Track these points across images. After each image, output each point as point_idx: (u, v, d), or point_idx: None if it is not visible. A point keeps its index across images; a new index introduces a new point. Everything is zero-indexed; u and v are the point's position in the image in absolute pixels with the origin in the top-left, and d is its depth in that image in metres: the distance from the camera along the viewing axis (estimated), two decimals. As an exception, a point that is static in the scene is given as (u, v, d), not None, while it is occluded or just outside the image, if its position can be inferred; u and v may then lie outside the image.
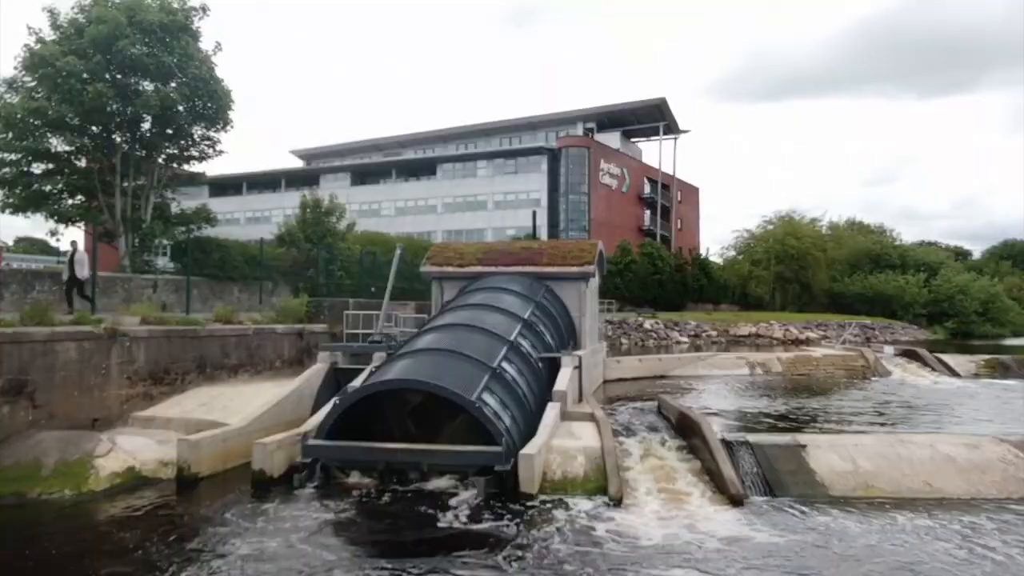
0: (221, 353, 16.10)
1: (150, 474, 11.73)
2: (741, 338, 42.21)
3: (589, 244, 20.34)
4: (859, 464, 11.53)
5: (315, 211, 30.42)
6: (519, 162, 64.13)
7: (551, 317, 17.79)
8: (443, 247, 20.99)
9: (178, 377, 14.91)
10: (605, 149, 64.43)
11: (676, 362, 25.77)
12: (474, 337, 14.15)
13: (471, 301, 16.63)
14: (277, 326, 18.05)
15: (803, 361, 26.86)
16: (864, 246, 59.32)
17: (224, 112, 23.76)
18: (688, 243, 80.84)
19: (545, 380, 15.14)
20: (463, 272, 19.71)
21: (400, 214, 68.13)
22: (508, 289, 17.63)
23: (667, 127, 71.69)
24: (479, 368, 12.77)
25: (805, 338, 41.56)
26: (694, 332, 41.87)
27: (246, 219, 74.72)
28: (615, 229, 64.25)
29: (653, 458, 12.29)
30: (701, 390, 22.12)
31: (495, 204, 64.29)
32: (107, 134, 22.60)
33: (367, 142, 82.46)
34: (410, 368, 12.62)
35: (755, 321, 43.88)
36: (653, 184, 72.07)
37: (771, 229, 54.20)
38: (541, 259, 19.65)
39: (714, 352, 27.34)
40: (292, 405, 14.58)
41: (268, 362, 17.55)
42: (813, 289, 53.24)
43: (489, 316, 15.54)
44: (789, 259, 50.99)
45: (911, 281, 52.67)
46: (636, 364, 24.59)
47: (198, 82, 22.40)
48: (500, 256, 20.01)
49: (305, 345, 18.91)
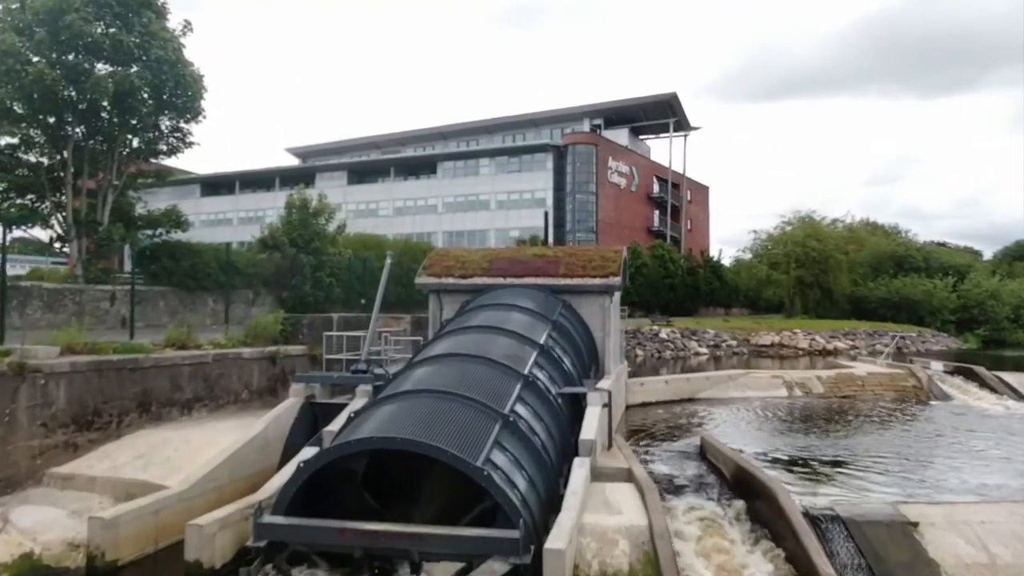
0: (171, 386, 13.22)
1: (53, 561, 8.90)
2: (763, 348, 39.31)
3: (612, 252, 17.45)
4: (994, 552, 8.66)
5: (302, 212, 27.52)
6: (523, 160, 61.23)
7: (570, 340, 14.92)
8: (442, 254, 18.11)
9: (113, 420, 12.04)
10: (613, 146, 61.53)
11: (705, 382, 22.88)
12: (479, 370, 11.27)
13: (474, 322, 13.74)
14: (244, 350, 15.18)
15: (846, 381, 23.96)
16: (887, 248, 56.36)
17: (194, 101, 20.89)
18: (698, 244, 77.97)
19: (567, 420, 12.30)
20: (466, 284, 16.84)
21: (399, 214, 65.28)
22: (519, 306, 14.76)
23: (677, 124, 68.77)
24: (485, 415, 9.89)
25: (833, 348, 38.66)
26: (713, 342, 38.98)
27: (239, 219, 71.92)
28: (623, 230, 61.36)
29: (715, 537, 9.42)
30: (739, 419, 19.25)
31: (498, 204, 61.41)
32: (59, 124, 19.74)
33: (365, 139, 79.61)
34: (396, 418, 9.70)
35: (777, 329, 40.99)
36: (662, 183, 69.16)
37: (790, 231, 51.22)
38: (557, 270, 16.76)
39: (746, 370, 24.48)
40: (255, 454, 11.74)
41: (232, 394, 14.68)
42: (834, 294, 50.30)
43: (497, 342, 12.67)
44: (810, 262, 48.07)
45: (939, 286, 49.74)
46: (662, 386, 21.72)
47: (162, 65, 19.52)
48: (509, 266, 17.12)
49: (279, 371, 16.04)
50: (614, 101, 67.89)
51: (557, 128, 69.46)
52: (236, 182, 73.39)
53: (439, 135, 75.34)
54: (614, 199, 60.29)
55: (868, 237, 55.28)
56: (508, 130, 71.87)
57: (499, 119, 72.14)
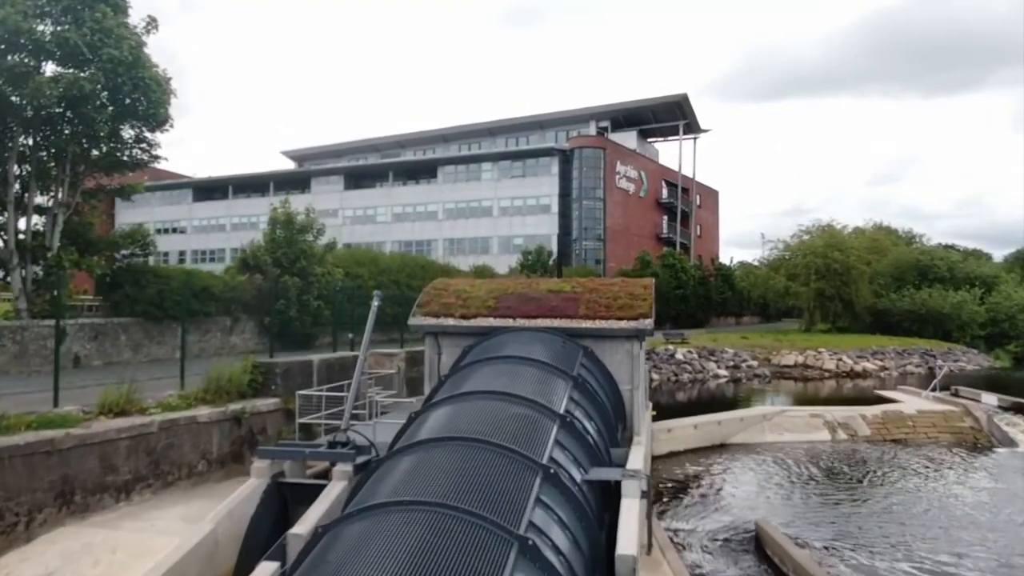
0: (103, 468, 10.63)
1: None
2: (786, 369, 36.67)
3: (641, 287, 14.83)
4: None
5: (287, 228, 24.92)
6: (527, 164, 58.58)
7: (594, 400, 12.31)
8: (440, 288, 15.50)
9: (20, 520, 9.46)
10: (621, 150, 58.89)
11: (738, 425, 20.29)
12: (484, 464, 8.68)
13: (478, 385, 11.10)
14: (202, 410, 12.57)
15: (894, 421, 21.36)
16: (909, 257, 53.65)
17: (158, 107, 18.28)
18: (707, 250, 75.41)
19: (594, 516, 9.73)
20: (468, 327, 14.26)
21: (397, 221, 62.69)
22: (532, 359, 12.15)
23: (687, 126, 66.12)
24: (496, 538, 7.29)
25: (861, 369, 36.02)
26: (733, 362, 36.34)
27: (232, 225, 69.43)
28: (632, 238, 58.84)
29: None
30: (783, 477, 16.65)
31: (501, 210, 58.78)
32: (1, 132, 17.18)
33: (363, 142, 77.05)
34: (376, 551, 7.11)
35: (800, 348, 38.32)
36: (671, 188, 66.53)
37: (808, 240, 48.48)
38: (576, 310, 14.16)
39: (781, 407, 21.90)
40: (199, 566, 9.17)
41: (185, 467, 12.08)
42: (856, 306, 47.62)
43: (506, 415, 10.06)
44: (831, 274, 45.39)
45: (968, 298, 47.08)
46: (691, 432, 19.12)
47: (117, 67, 16.91)
48: (519, 304, 14.53)
49: (247, 433, 13.44)
50: (621, 103, 65.26)
51: (562, 130, 66.88)
52: (229, 187, 70.82)
53: (440, 137, 72.76)
54: (622, 205, 57.68)
55: (891, 246, 52.51)
56: (511, 132, 69.27)
57: (502, 121, 69.56)
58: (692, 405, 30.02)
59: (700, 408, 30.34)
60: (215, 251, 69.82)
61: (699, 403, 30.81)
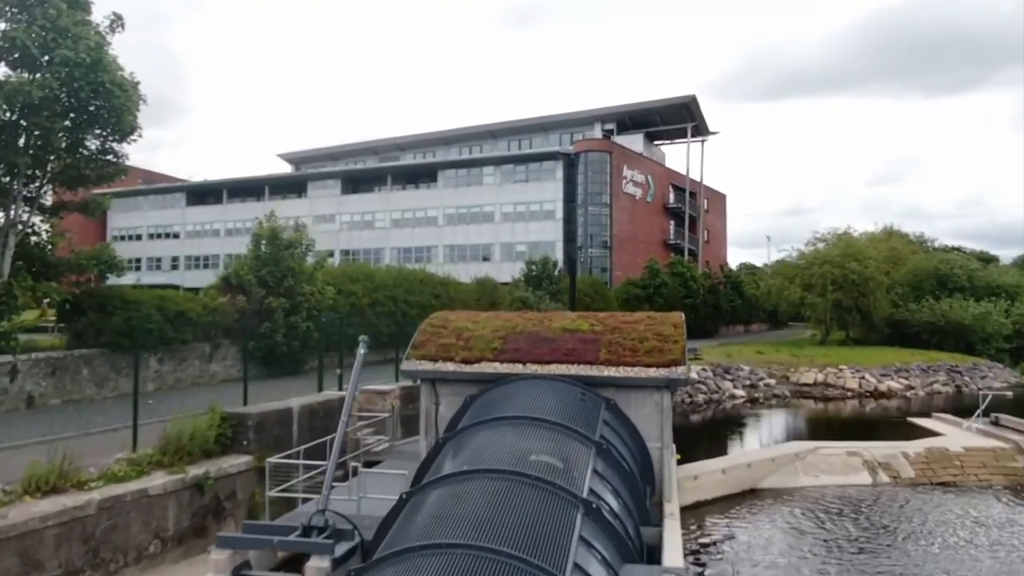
0: (23, 566, 8.66)
1: None
2: (806, 388, 34.67)
3: (671, 324, 12.83)
4: None
5: (272, 245, 22.97)
6: (530, 168, 56.53)
7: (620, 469, 10.33)
8: (438, 325, 13.48)
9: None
10: (628, 154, 56.87)
11: (769, 466, 18.30)
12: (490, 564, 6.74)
13: (480, 461, 9.08)
14: (155, 479, 10.59)
15: (939, 460, 19.37)
16: (928, 265, 51.60)
17: (124, 114, 16.32)
18: (715, 256, 73.44)
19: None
20: (471, 373, 12.30)
21: (396, 226, 60.68)
22: (547, 421, 10.18)
23: (695, 128, 64.09)
24: None
25: (886, 389, 34.00)
26: (749, 381, 34.35)
27: (226, 231, 67.44)
28: (639, 244, 56.84)
29: None
30: (827, 536, 14.65)
31: (503, 216, 56.77)
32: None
33: (362, 144, 75.08)
34: None
35: (820, 365, 36.31)
36: (678, 192, 64.50)
37: (823, 249, 46.42)
38: (597, 354, 12.19)
39: (814, 443, 19.91)
40: None
41: (134, 551, 10.11)
42: (873, 318, 45.61)
43: (516, 500, 8.09)
44: (849, 285, 43.38)
45: (991, 309, 45.08)
46: (718, 478, 17.13)
47: (74, 70, 14.96)
48: (530, 345, 12.55)
49: (211, 501, 11.47)
50: (627, 104, 63.24)
51: (566, 133, 64.88)
52: (224, 191, 68.84)
53: (441, 140, 70.74)
54: (629, 211, 55.67)
55: (910, 255, 50.46)
56: (514, 135, 67.25)
57: (504, 123, 67.59)
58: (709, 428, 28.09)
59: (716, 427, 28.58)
60: (209, 257, 67.87)
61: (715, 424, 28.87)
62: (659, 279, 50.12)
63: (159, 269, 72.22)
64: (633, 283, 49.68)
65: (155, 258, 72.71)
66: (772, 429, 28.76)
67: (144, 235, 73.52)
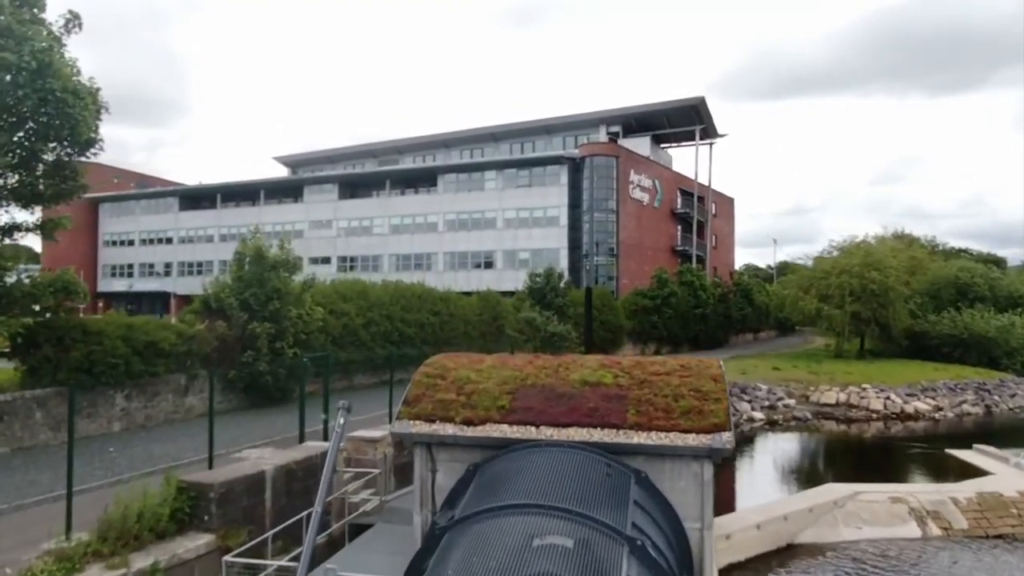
0: None
1: None
2: (827, 409, 32.71)
3: (711, 376, 10.87)
4: None
5: (257, 263, 21.04)
6: (534, 173, 54.57)
7: (656, 568, 8.39)
8: (435, 375, 11.51)
9: None
10: (635, 158, 54.89)
11: (807, 517, 16.37)
12: None
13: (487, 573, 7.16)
14: None
15: (994, 507, 17.42)
16: (947, 273, 49.59)
17: (79, 125, 14.40)
18: (723, 261, 71.50)
19: None
20: (474, 438, 10.36)
21: (395, 232, 58.75)
22: (568, 512, 8.24)
23: (704, 131, 62.08)
24: None
25: (913, 411, 32.02)
26: (768, 401, 32.39)
27: (220, 236, 65.56)
28: (646, 251, 54.87)
29: None
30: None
31: (506, 222, 54.82)
32: None
33: (360, 147, 73.14)
34: None
35: (842, 384, 34.31)
36: (686, 197, 62.51)
37: (841, 258, 44.37)
38: (623, 414, 10.26)
39: (853, 488, 17.96)
40: None
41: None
42: (892, 330, 43.61)
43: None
44: (868, 296, 41.41)
45: (1017, 322, 43.11)
46: (753, 535, 15.19)
47: (20, 75, 13.04)
48: (544, 403, 10.62)
49: (160, 597, 9.52)
50: (634, 106, 61.24)
51: (570, 135, 62.91)
52: (218, 195, 66.91)
53: (441, 143, 68.77)
54: (636, 217, 53.68)
55: (930, 264, 48.41)
56: (516, 138, 65.25)
57: (506, 126, 65.60)
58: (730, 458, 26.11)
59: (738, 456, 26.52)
60: (203, 263, 65.98)
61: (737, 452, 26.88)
62: (668, 289, 48.19)
63: (152, 275, 70.37)
64: (641, 293, 47.73)
65: (148, 264, 70.85)
66: (799, 459, 26.84)
67: (136, 240, 71.62)
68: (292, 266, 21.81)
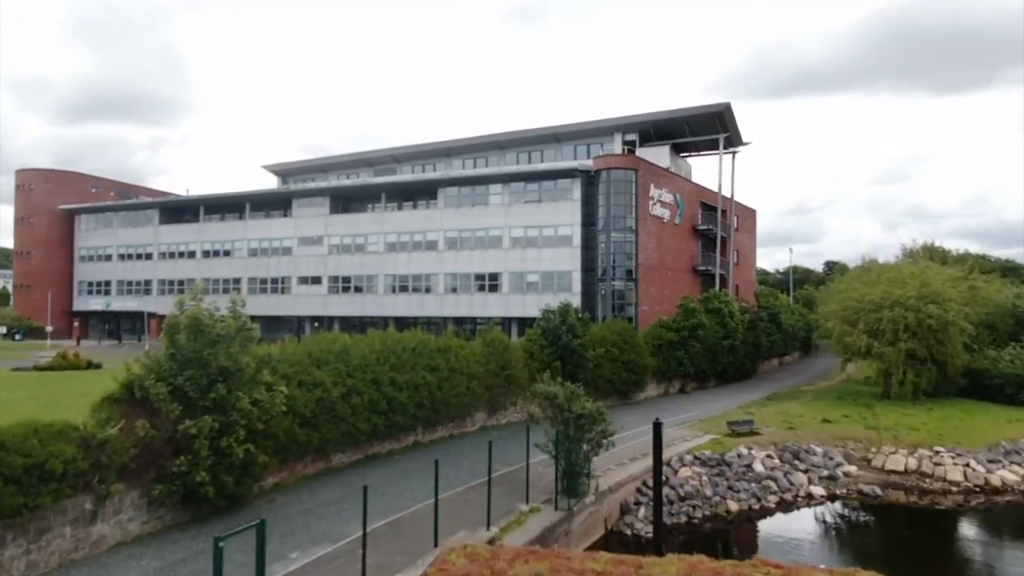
0: None
1: None
2: (895, 478, 27.68)
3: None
4: None
5: (196, 336, 16.06)
6: (544, 187, 49.62)
7: None
8: None
9: None
10: (655, 170, 49.89)
11: None
12: None
13: None
14: None
15: None
16: (1002, 300, 44.52)
17: None
18: (745, 278, 66.43)
19: None
20: None
21: (391, 251, 53.87)
22: None
23: (728, 140, 57.02)
24: None
25: (999, 482, 26.99)
26: (825, 469, 27.35)
27: (203, 252, 60.69)
28: (667, 272, 49.90)
29: None
30: None
31: (512, 241, 49.90)
32: None
33: (355, 156, 68.22)
34: None
35: (910, 447, 29.19)
36: (707, 211, 57.51)
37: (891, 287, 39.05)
38: None
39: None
40: None
41: None
42: (948, 369, 38.59)
43: None
44: (924, 332, 36.43)
45: (1092, 361, 38.16)
46: None
47: None
48: None
49: None
50: (651, 113, 56.19)
51: (582, 144, 57.97)
52: (200, 208, 62.02)
53: (442, 151, 63.80)
54: (656, 236, 48.70)
55: (994, 295, 43.23)
56: (524, 146, 60.25)
57: (513, 133, 60.59)
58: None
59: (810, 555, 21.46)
60: (184, 281, 61.09)
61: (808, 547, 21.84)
62: (694, 319, 43.18)
63: (130, 293, 65.51)
64: (665, 325, 42.72)
65: (126, 281, 65.98)
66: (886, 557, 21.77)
67: (114, 255, 66.79)
68: (246, 336, 16.84)
